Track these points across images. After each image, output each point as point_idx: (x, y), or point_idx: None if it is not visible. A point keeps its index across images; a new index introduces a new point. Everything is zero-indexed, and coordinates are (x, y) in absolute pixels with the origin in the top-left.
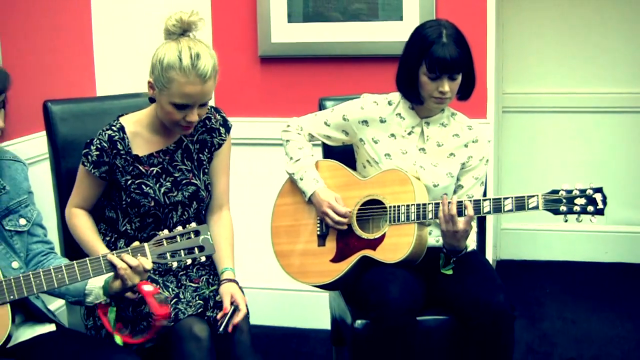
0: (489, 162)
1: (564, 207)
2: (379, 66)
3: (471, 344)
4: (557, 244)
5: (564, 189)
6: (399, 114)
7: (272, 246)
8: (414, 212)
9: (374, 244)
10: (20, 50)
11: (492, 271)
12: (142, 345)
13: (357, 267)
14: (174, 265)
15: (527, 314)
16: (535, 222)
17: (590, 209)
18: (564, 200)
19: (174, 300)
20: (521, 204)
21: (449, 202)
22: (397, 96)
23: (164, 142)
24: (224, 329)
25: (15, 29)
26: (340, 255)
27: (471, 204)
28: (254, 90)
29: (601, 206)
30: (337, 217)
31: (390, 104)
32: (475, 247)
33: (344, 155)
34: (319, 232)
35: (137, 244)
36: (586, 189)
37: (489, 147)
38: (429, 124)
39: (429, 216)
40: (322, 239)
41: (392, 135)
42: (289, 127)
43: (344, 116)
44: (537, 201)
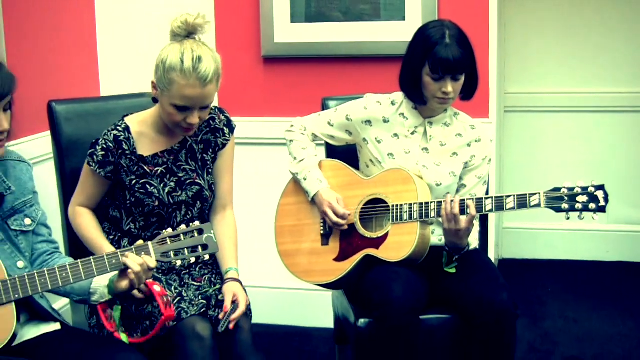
0: (491, 161)
1: (565, 205)
2: (381, 66)
3: (474, 342)
4: (558, 243)
5: (565, 187)
6: (402, 114)
7: (276, 246)
8: (417, 210)
9: (377, 242)
10: (24, 50)
11: (495, 270)
12: (143, 344)
13: (361, 266)
14: (178, 263)
15: (529, 312)
16: (537, 222)
17: (592, 206)
18: (566, 197)
19: (177, 299)
20: (523, 202)
21: (451, 201)
22: (400, 96)
23: (168, 142)
24: (223, 327)
25: (19, 29)
26: (343, 254)
27: (473, 203)
28: (257, 90)
29: (603, 203)
30: (335, 217)
31: (393, 104)
32: (477, 245)
33: (347, 154)
34: (322, 232)
35: (141, 242)
36: (588, 187)
37: (491, 146)
38: (432, 123)
39: (432, 215)
40: (325, 239)
41: (395, 135)
42: (292, 127)
43: (348, 116)
44: (539, 199)
